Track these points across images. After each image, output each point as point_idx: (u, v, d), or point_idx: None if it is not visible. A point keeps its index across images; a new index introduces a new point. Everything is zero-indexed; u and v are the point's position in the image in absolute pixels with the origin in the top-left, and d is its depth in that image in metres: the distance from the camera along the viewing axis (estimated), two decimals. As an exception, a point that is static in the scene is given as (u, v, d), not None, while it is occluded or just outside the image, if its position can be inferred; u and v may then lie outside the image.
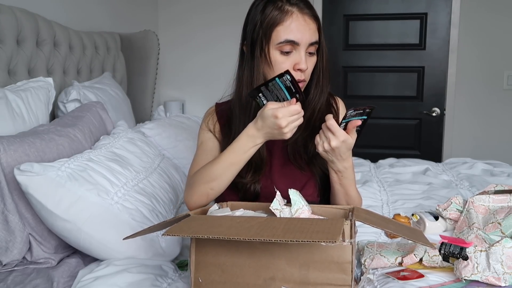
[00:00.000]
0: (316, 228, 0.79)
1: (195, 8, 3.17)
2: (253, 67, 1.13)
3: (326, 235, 0.76)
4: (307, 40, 1.10)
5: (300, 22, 1.09)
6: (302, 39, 1.09)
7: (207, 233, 0.81)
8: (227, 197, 1.16)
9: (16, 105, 1.46)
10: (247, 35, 1.15)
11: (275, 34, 1.09)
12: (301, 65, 1.10)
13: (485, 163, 2.31)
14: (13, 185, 1.19)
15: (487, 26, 2.91)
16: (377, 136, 3.13)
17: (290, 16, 1.08)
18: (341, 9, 3.07)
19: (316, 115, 1.20)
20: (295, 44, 1.09)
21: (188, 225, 0.86)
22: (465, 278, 1.03)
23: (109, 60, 2.36)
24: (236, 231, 0.80)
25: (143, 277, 1.11)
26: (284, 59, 1.10)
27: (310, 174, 1.22)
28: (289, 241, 0.76)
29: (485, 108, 2.99)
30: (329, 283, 0.85)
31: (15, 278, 1.15)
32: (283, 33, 1.08)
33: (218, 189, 1.11)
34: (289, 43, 1.09)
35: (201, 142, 1.27)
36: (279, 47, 1.10)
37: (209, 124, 1.27)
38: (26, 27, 1.66)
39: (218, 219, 0.90)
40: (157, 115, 2.78)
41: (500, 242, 1.05)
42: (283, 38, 1.08)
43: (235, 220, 0.88)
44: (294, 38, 1.08)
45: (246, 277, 0.88)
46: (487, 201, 1.37)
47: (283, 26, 1.08)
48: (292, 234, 0.77)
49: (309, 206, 0.96)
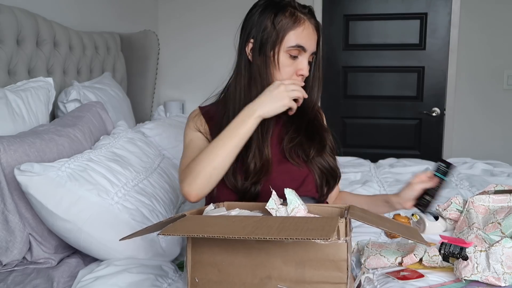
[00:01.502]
0: (311, 226, 0.80)
1: (195, 8, 3.17)
2: (258, 68, 1.17)
3: (321, 232, 0.76)
4: (312, 49, 1.18)
5: (310, 30, 1.16)
6: (309, 46, 1.16)
7: (202, 232, 0.81)
8: (223, 198, 1.15)
9: (16, 105, 1.46)
10: (250, 37, 1.18)
11: (287, 38, 1.15)
12: (304, 71, 1.17)
13: (485, 163, 2.31)
14: (13, 185, 1.19)
15: (487, 26, 2.91)
16: (377, 136, 3.13)
17: (303, 23, 1.16)
18: (341, 9, 3.07)
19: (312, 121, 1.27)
20: (303, 50, 1.15)
21: (183, 225, 0.86)
22: (465, 278, 1.03)
23: (109, 60, 2.36)
24: (232, 230, 0.81)
25: (143, 277, 1.11)
26: (291, 63, 1.16)
27: (308, 170, 1.23)
28: (284, 239, 0.76)
29: (485, 108, 2.99)
30: (325, 281, 0.85)
31: (15, 278, 1.15)
32: (295, 38, 1.14)
33: (221, 169, 1.09)
34: (298, 48, 1.15)
35: (190, 139, 1.25)
36: (288, 50, 1.15)
37: (197, 125, 1.26)
38: (26, 27, 1.66)
39: (214, 219, 0.91)
40: (157, 115, 2.79)
41: (500, 242, 1.05)
42: (295, 42, 1.14)
43: (230, 220, 0.88)
44: (304, 44, 1.15)
45: (243, 277, 0.88)
46: (487, 201, 1.37)
47: (296, 31, 1.15)
48: (286, 232, 0.78)
49: (305, 206, 0.96)
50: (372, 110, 3.11)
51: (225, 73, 1.28)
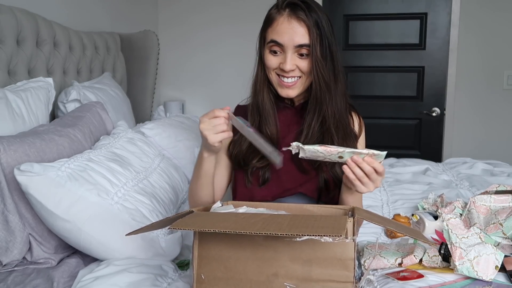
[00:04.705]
0: (321, 224, 0.80)
1: (195, 8, 3.17)
2: (259, 64, 1.24)
3: (332, 230, 0.77)
4: (293, 43, 1.16)
5: (285, 25, 1.16)
6: (285, 41, 1.16)
7: (212, 227, 0.81)
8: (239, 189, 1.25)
9: (16, 105, 1.46)
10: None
11: (267, 35, 1.20)
12: (283, 65, 1.17)
13: (485, 163, 2.31)
14: (13, 185, 1.19)
15: (487, 26, 2.91)
16: (377, 136, 3.12)
17: (278, 18, 1.17)
18: (341, 9, 3.07)
19: (330, 119, 1.22)
20: (280, 45, 1.17)
21: (193, 220, 0.87)
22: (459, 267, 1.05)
23: (109, 60, 2.36)
24: (242, 226, 0.81)
25: (143, 277, 1.11)
26: (272, 58, 1.20)
27: (315, 173, 1.24)
28: (296, 235, 0.77)
29: (485, 108, 2.99)
30: (332, 280, 0.86)
31: (15, 278, 1.15)
32: (271, 34, 1.18)
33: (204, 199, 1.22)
34: (274, 43, 1.17)
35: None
36: (268, 46, 1.19)
37: None
38: (26, 27, 1.66)
39: (222, 215, 0.91)
40: (157, 115, 2.78)
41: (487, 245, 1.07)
42: (270, 38, 1.19)
43: (239, 216, 0.88)
44: (278, 39, 1.16)
45: (249, 274, 0.89)
46: (488, 201, 1.37)
47: (272, 27, 1.18)
48: (297, 229, 0.78)
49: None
50: (372, 110, 3.10)
51: (225, 73, 1.29)
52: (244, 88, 1.30)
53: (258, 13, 1.49)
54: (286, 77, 1.19)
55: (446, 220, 1.19)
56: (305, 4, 1.16)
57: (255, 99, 1.26)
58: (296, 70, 1.18)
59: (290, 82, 1.19)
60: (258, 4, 2.05)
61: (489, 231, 1.22)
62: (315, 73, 1.17)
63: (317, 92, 1.19)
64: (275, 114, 1.25)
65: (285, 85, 1.20)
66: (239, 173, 1.27)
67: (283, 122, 1.26)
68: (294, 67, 1.17)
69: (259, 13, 1.39)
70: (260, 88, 1.24)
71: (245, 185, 1.24)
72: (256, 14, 1.67)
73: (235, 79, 1.28)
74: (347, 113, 1.28)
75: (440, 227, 1.40)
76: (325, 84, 1.18)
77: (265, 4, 1.28)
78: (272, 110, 1.25)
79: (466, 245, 1.08)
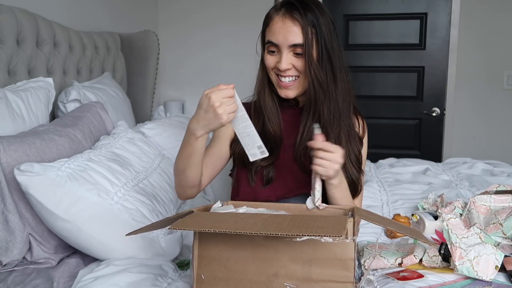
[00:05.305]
0: (321, 224, 0.81)
1: (195, 8, 3.17)
2: (260, 65, 1.26)
3: (332, 230, 0.77)
4: (287, 42, 1.15)
5: (279, 25, 1.16)
6: (280, 41, 1.16)
7: (213, 227, 0.81)
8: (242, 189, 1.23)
9: (16, 105, 1.46)
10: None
11: (265, 35, 1.21)
12: (279, 65, 1.17)
13: (485, 163, 2.31)
14: (13, 185, 1.19)
15: (487, 26, 2.91)
16: (377, 136, 3.11)
17: (273, 19, 1.18)
18: (341, 9, 3.07)
19: (325, 118, 1.19)
20: (275, 45, 1.17)
21: (193, 220, 0.87)
22: (459, 267, 1.04)
23: (109, 60, 2.36)
24: (242, 226, 0.81)
25: (143, 277, 1.11)
26: (270, 58, 1.21)
27: None
28: (296, 235, 0.77)
29: (485, 108, 2.99)
30: (332, 280, 0.86)
31: (15, 278, 1.15)
32: (267, 35, 1.20)
33: (190, 179, 1.16)
34: (270, 44, 1.18)
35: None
36: (266, 47, 1.21)
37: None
38: (26, 27, 1.66)
39: (223, 215, 0.91)
40: (157, 115, 2.78)
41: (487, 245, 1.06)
42: (267, 39, 1.20)
43: (239, 217, 0.88)
44: (273, 40, 1.17)
45: (249, 274, 0.89)
46: (488, 201, 1.37)
47: (269, 27, 1.19)
48: (297, 229, 0.79)
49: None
50: (372, 110, 3.10)
51: (225, 73, 1.29)
52: (245, 88, 1.30)
53: (257, 13, 1.49)
54: (283, 77, 1.19)
55: (446, 220, 1.19)
56: (301, 4, 1.15)
57: (258, 99, 1.26)
58: (293, 69, 1.18)
59: (288, 82, 1.19)
60: (258, 4, 2.05)
61: (489, 231, 1.22)
62: (309, 72, 1.16)
63: (311, 91, 1.18)
64: (279, 113, 1.25)
65: (283, 85, 1.20)
66: (243, 172, 1.26)
67: (288, 122, 1.26)
68: (290, 66, 1.17)
69: (258, 13, 1.39)
70: (262, 88, 1.25)
71: (248, 184, 1.24)
72: (256, 14, 1.67)
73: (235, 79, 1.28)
74: (351, 114, 1.26)
75: (440, 227, 1.40)
76: (318, 83, 1.16)
77: (264, 4, 1.29)
78: (276, 109, 1.25)
79: (466, 245, 1.08)
